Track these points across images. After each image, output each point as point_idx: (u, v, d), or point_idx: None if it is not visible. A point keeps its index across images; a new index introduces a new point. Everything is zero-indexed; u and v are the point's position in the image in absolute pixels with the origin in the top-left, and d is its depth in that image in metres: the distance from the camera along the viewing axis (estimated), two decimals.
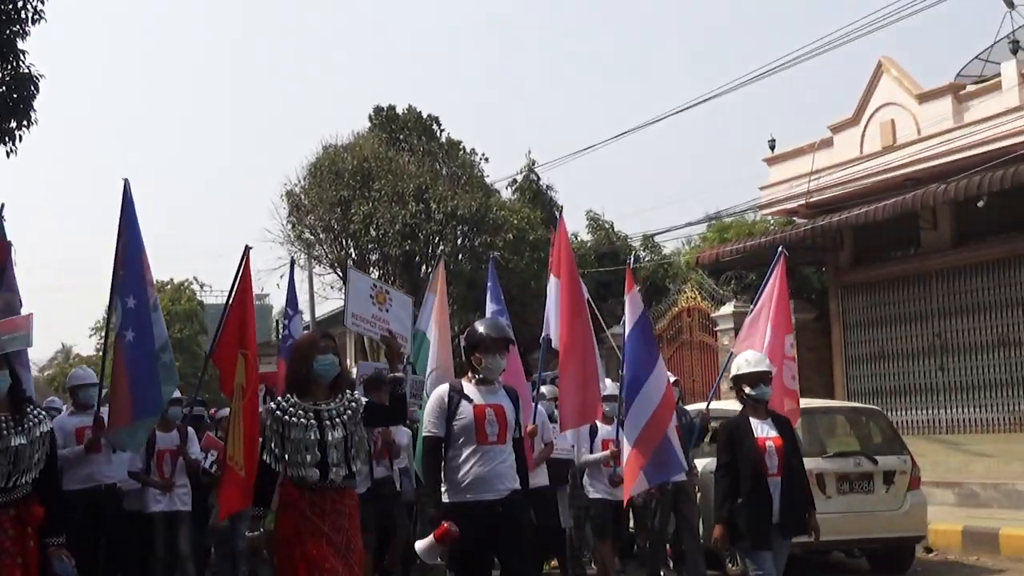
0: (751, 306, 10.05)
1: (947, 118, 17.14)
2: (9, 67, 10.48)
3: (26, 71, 10.60)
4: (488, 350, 6.31)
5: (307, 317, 36.32)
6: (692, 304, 22.94)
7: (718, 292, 22.30)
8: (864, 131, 18.86)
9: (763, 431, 6.97)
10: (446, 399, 6.28)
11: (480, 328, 6.47)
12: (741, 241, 21.11)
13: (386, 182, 26.17)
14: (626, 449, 9.25)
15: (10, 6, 10.25)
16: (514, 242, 25.32)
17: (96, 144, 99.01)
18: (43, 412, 6.18)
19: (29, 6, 10.42)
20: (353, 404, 6.24)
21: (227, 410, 10.77)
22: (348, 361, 26.66)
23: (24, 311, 8.54)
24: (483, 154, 29.19)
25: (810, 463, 10.66)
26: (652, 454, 9.25)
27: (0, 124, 10.52)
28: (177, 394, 10.14)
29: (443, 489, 6.26)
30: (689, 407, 11.63)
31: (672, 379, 10.87)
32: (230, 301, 8.95)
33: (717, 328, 21.53)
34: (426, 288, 10.75)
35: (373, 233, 26.29)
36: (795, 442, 7.13)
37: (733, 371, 7.29)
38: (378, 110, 29.27)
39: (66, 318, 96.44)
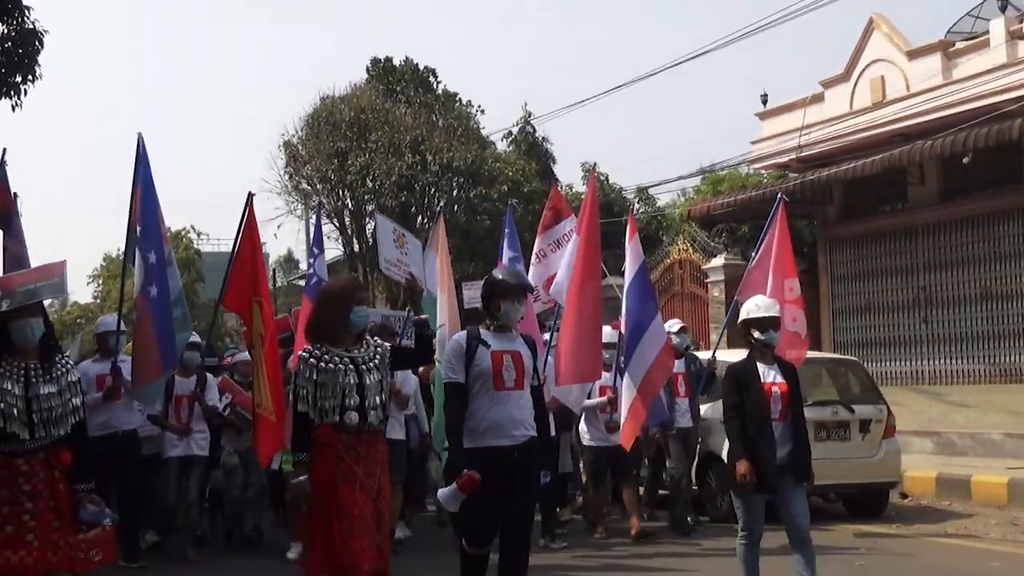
0: (753, 253, 10.23)
1: (936, 74, 17.41)
2: (14, 22, 10.73)
3: (30, 26, 10.85)
4: (506, 296, 6.33)
5: (303, 266, 36.70)
6: (684, 256, 23.27)
7: (709, 244, 22.63)
8: (855, 87, 19.11)
9: (769, 376, 6.95)
10: (464, 345, 6.30)
11: (498, 275, 6.56)
12: (733, 194, 21.45)
13: (383, 133, 26.34)
14: (628, 396, 9.47)
15: None
16: (509, 194, 25.50)
17: (92, 96, 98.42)
18: (70, 360, 6.16)
19: None
20: (380, 349, 6.30)
21: (242, 355, 11.05)
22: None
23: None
24: (479, 106, 29.37)
25: None
26: (652, 400, 9.54)
27: (5, 79, 10.80)
28: (195, 338, 10.25)
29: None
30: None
31: (679, 326, 11.42)
32: (236, 248, 9.00)
33: (708, 280, 21.90)
34: (426, 244, 10.93)
35: (370, 184, 26.49)
36: (798, 388, 7.11)
37: (743, 315, 7.28)
38: (375, 62, 29.40)
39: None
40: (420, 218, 27.19)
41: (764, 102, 21.43)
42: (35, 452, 5.64)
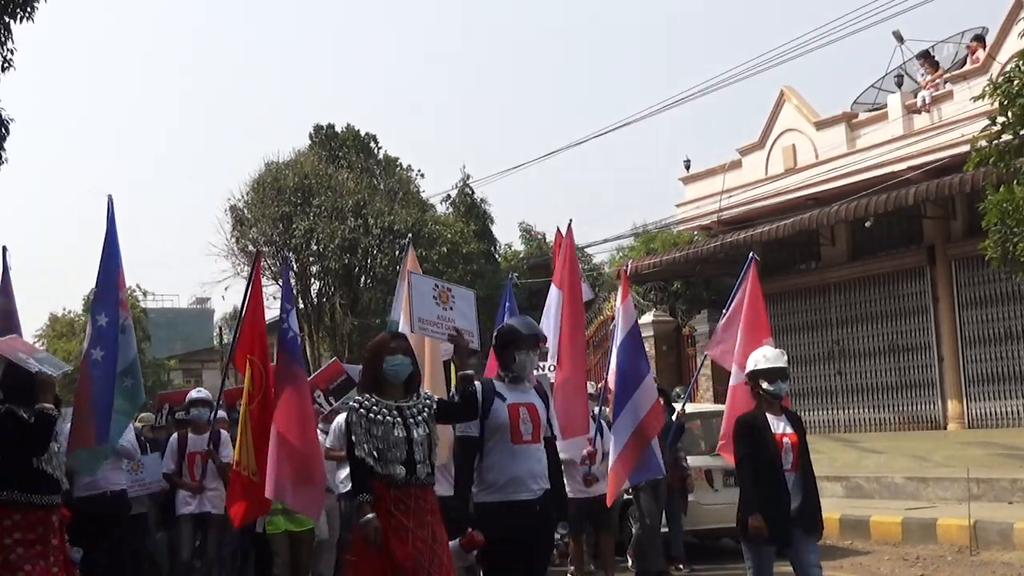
0: (724, 310, 10.21)
1: (841, 144, 18.79)
2: None
3: None
4: (521, 347, 6.29)
5: None
6: (613, 313, 24.33)
7: (640, 302, 23.72)
8: (769, 154, 20.46)
9: (779, 427, 6.89)
10: (480, 398, 6.22)
11: (513, 325, 6.50)
12: (657, 255, 22.60)
13: (326, 198, 27.35)
14: (616, 449, 9.51)
15: None
16: (448, 255, 26.62)
17: (52, 159, 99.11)
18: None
19: (1, 56, 11.51)
20: (428, 402, 6.20)
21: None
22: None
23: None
24: (419, 170, 30.56)
25: (699, 460, 12.19)
26: (638, 459, 9.55)
27: None
28: (205, 393, 10.38)
29: (473, 490, 6.24)
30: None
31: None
32: (244, 308, 9.08)
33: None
34: (397, 278, 10.99)
35: (314, 247, 27.48)
36: (806, 439, 7.06)
37: (750, 366, 7.15)
38: (318, 128, 30.45)
39: (57, 288, 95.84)
40: (364, 279, 28.15)
41: (687, 167, 22.70)
42: (57, 507, 6.09)
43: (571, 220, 10.13)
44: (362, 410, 6.01)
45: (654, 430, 9.77)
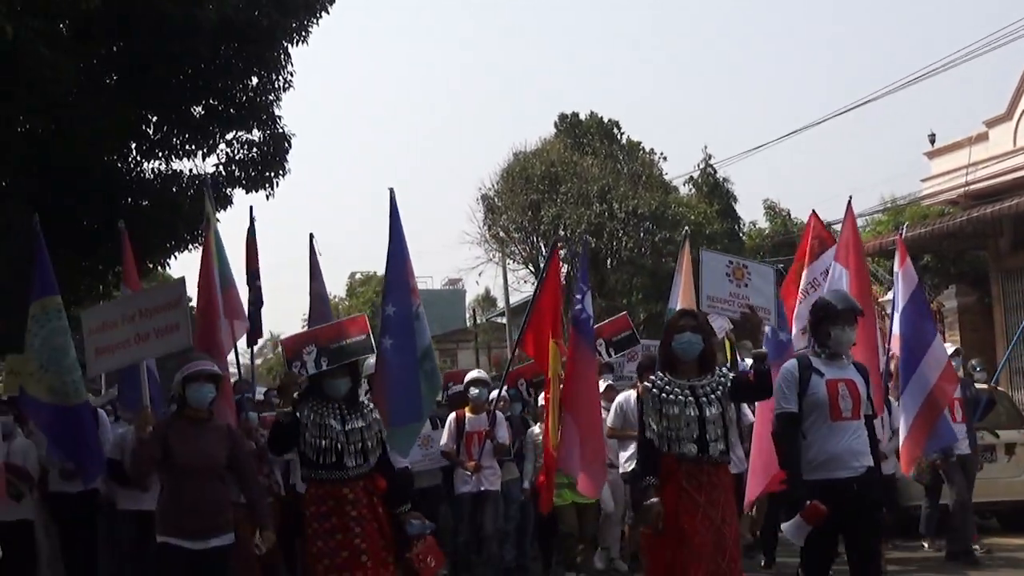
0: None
1: None
2: (268, 130, 13.13)
3: (280, 131, 13.24)
4: (836, 322, 6.08)
5: (501, 304, 39.05)
6: None
7: (887, 278, 23.60)
8: (1017, 126, 19.95)
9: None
10: (796, 374, 6.09)
11: (828, 300, 6.29)
12: (893, 234, 22.35)
13: (572, 184, 28.49)
14: (903, 425, 9.21)
15: (267, 79, 12.84)
16: (691, 236, 27.14)
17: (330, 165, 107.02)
18: (372, 404, 6.80)
19: (280, 78, 13.01)
20: (723, 379, 6.14)
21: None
22: None
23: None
24: (662, 153, 31.22)
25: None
26: (932, 428, 9.14)
27: (262, 174, 13.19)
28: (482, 374, 10.67)
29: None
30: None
31: (953, 349, 10.87)
32: (537, 294, 9.34)
33: (885, 312, 22.89)
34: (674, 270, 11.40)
35: (562, 232, 28.63)
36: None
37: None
38: (562, 117, 31.68)
39: (277, 308, 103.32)
40: (610, 262, 29.11)
41: (932, 142, 22.41)
42: (356, 481, 6.34)
43: (850, 197, 9.86)
44: (655, 389, 6.07)
45: (947, 396, 9.44)
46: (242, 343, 9.65)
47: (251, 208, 9.74)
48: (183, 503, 6.12)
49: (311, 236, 9.91)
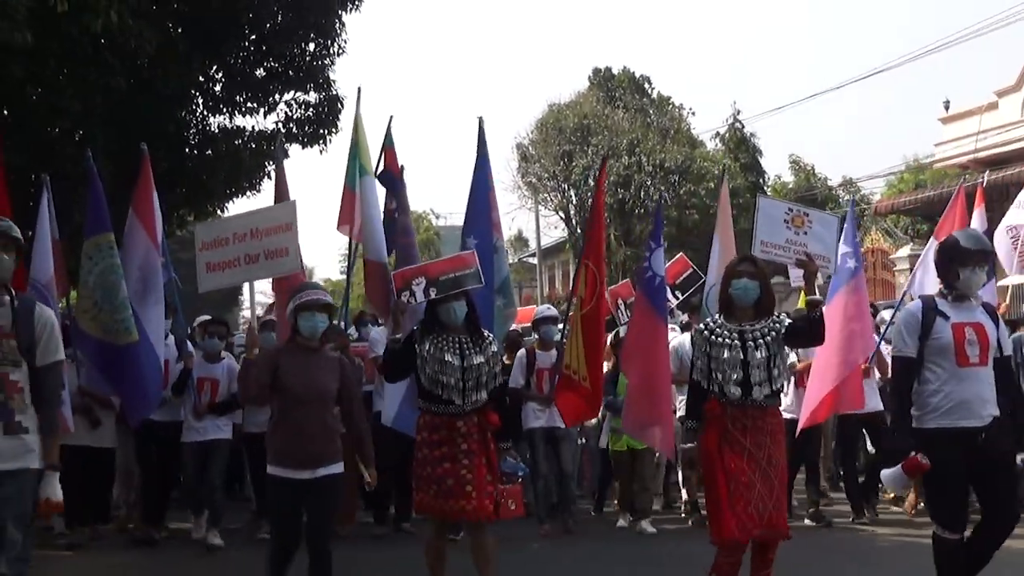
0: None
1: None
2: (323, 92, 14.46)
3: (334, 93, 14.56)
4: (967, 263, 5.70)
5: (532, 245, 40.42)
6: (875, 245, 25.52)
7: (900, 236, 24.78)
8: None
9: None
10: (919, 316, 5.74)
11: (959, 240, 5.85)
12: (912, 193, 23.55)
13: (603, 137, 29.67)
14: None
15: (323, 45, 14.14)
16: (714, 190, 28.38)
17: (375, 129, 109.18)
18: (492, 335, 6.65)
19: (336, 44, 14.31)
20: (776, 324, 6.04)
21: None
22: None
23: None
24: (691, 108, 32.41)
25: None
26: None
27: (317, 131, 14.54)
28: (552, 311, 10.37)
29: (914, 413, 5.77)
30: None
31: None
32: (592, 214, 9.38)
33: (895, 268, 24.10)
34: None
35: (591, 183, 29.82)
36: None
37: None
38: (596, 71, 32.78)
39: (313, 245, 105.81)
40: (636, 212, 30.37)
41: (947, 108, 23.47)
42: (470, 415, 6.28)
43: (965, 175, 10.05)
44: (706, 332, 6.11)
45: None
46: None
47: (390, 119, 9.90)
48: (292, 431, 5.95)
49: (401, 168, 9.63)
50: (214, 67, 13.93)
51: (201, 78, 13.86)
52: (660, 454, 9.84)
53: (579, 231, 31.88)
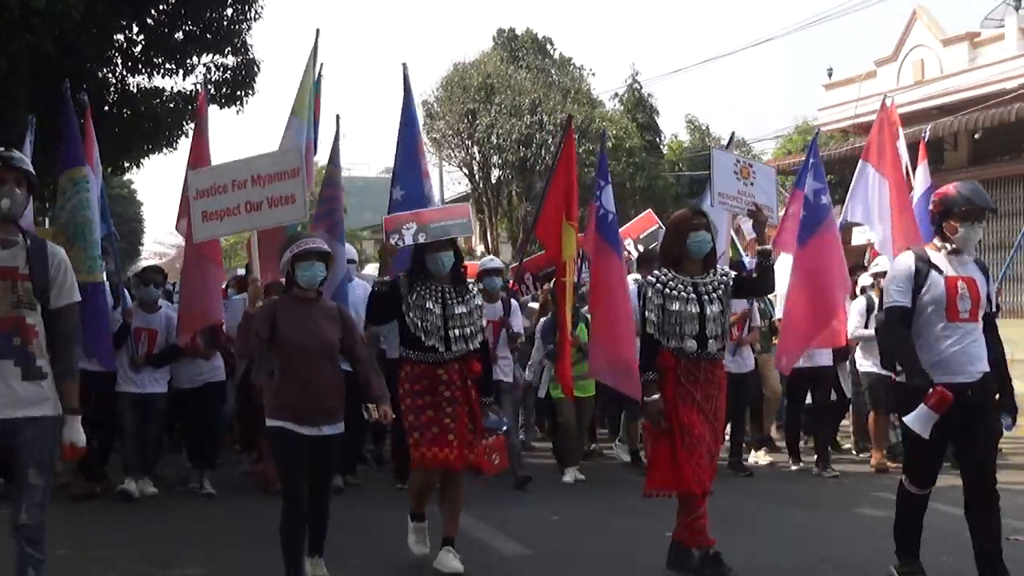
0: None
1: (964, 61, 20.70)
2: (240, 57, 15.05)
3: (251, 57, 15.16)
4: (966, 218, 5.55)
5: (437, 200, 41.13)
6: None
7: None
8: (900, 67, 22.44)
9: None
10: (913, 268, 5.61)
11: (960, 191, 5.64)
12: (800, 155, 24.86)
13: (506, 96, 30.53)
14: None
15: (240, 10, 14.71)
16: (613, 149, 29.51)
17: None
18: (476, 287, 6.68)
19: (253, 9, 14.89)
20: (725, 278, 6.13)
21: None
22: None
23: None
24: (591, 69, 33.44)
25: None
26: None
27: (234, 93, 15.13)
28: (497, 263, 10.05)
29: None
30: None
31: None
32: (551, 177, 9.27)
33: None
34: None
35: (494, 140, 30.77)
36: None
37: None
38: (500, 32, 33.62)
39: None
40: (537, 169, 31.39)
41: (830, 75, 24.85)
42: (451, 363, 6.26)
43: (892, 99, 10.29)
44: (658, 284, 6.07)
45: None
46: None
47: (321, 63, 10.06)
48: (294, 384, 5.71)
49: (337, 117, 9.63)
50: (135, 29, 14.43)
51: (120, 38, 14.35)
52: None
53: (481, 186, 32.80)
